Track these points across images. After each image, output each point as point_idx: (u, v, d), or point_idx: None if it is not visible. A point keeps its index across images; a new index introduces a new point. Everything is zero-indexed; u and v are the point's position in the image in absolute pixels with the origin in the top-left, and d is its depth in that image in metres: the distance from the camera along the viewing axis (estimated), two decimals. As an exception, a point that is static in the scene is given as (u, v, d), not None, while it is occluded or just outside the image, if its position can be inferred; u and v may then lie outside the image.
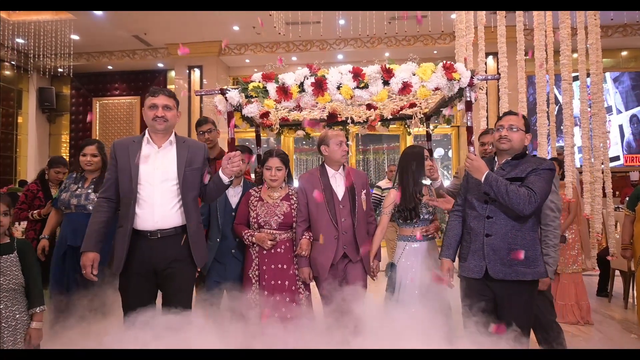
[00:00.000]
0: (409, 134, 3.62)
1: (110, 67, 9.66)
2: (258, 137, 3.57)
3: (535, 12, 3.97)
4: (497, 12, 4.13)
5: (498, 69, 4.40)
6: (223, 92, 2.70)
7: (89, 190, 2.99)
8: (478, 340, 2.16)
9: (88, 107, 9.96)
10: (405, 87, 2.57)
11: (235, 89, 2.68)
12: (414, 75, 2.57)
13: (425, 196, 2.72)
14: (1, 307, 2.12)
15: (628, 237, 3.58)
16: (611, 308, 4.37)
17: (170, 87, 9.41)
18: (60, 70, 9.02)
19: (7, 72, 9.02)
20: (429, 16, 7.01)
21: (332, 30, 7.61)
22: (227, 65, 9.43)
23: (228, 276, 2.72)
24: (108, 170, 2.36)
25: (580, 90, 3.92)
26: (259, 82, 2.67)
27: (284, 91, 2.64)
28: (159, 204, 2.24)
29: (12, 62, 8.85)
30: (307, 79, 2.61)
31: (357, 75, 2.57)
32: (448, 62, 2.57)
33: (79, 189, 2.99)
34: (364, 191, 2.79)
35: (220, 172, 2.32)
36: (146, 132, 2.35)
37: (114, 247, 2.28)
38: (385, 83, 2.58)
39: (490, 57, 7.66)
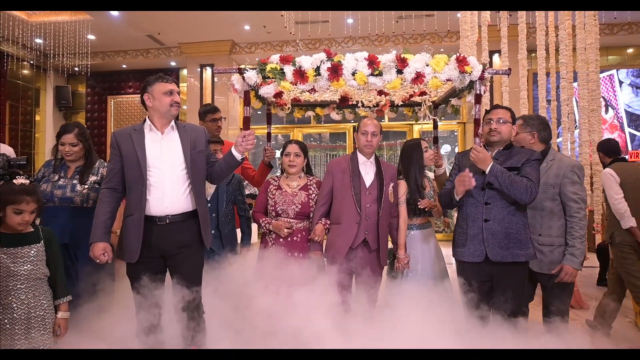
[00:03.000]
0: (417, 120, 3.73)
1: (124, 66, 9.92)
2: (269, 115, 3.64)
3: (536, 12, 4.14)
4: (500, 12, 4.29)
5: (509, 64, 4.56)
6: (241, 72, 2.74)
7: (74, 181, 2.68)
8: (479, 322, 2.32)
9: (103, 105, 10.24)
10: (418, 77, 2.63)
11: (253, 69, 2.72)
12: (427, 66, 2.63)
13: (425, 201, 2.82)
14: (29, 296, 2.09)
15: None
16: (610, 296, 4.54)
17: (183, 85, 9.65)
18: (76, 69, 9.29)
19: (26, 71, 9.31)
20: (435, 15, 7.17)
21: (340, 29, 7.78)
22: (238, 63, 9.65)
23: None
24: (110, 161, 2.34)
25: (580, 88, 4.08)
26: (277, 64, 2.71)
27: (300, 74, 2.67)
28: (169, 189, 2.25)
29: (31, 62, 9.14)
30: (324, 63, 2.66)
31: (372, 62, 2.63)
32: (461, 55, 2.63)
33: (62, 179, 2.68)
34: (392, 184, 2.80)
35: (232, 149, 2.34)
36: (146, 119, 2.34)
37: (123, 236, 2.26)
38: (399, 72, 2.64)
39: (496, 54, 7.80)
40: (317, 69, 2.66)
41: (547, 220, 2.54)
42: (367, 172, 2.79)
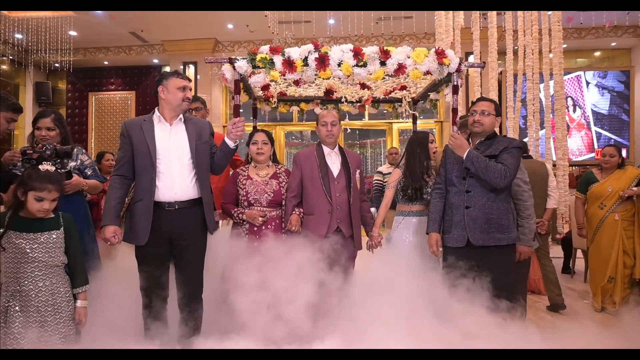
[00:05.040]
0: (397, 116, 3.95)
1: (106, 63, 9.90)
2: (254, 109, 3.76)
3: (506, 17, 4.43)
4: (472, 17, 4.57)
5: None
6: (231, 62, 2.86)
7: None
8: (460, 299, 2.40)
9: (84, 101, 10.19)
10: (400, 68, 2.80)
11: (243, 59, 2.85)
12: (409, 58, 2.81)
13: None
14: (47, 283, 2.05)
15: (581, 217, 4.04)
16: (572, 282, 4.91)
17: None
18: (57, 65, 9.24)
19: (5, 67, 9.22)
20: (413, 17, 7.43)
21: (322, 30, 7.97)
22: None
23: None
24: (121, 149, 2.46)
25: (545, 89, 4.40)
26: (267, 54, 2.85)
27: (289, 64, 2.81)
28: (178, 177, 2.39)
29: (11, 57, 9.05)
30: (311, 54, 2.82)
31: (357, 54, 2.81)
32: (440, 48, 2.82)
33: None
34: (358, 171, 2.92)
35: (225, 138, 2.47)
36: (156, 111, 2.46)
37: (132, 220, 2.38)
38: (382, 64, 2.81)
39: (472, 56, 8.14)
40: (305, 60, 2.81)
41: None
42: (333, 162, 2.89)
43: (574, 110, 8.91)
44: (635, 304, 3.75)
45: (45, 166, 2.11)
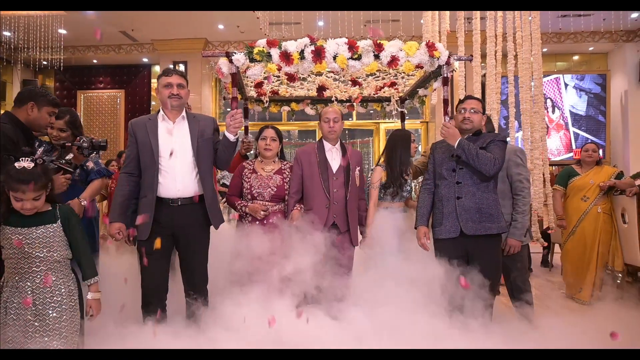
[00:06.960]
0: (385, 115, 4.10)
1: (95, 61, 9.90)
2: (246, 109, 3.89)
3: (488, 21, 4.67)
4: (458, 22, 4.79)
5: (465, 70, 5.05)
6: (228, 55, 2.94)
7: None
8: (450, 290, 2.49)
9: (72, 99, 10.17)
10: (393, 61, 2.91)
11: (241, 52, 2.94)
12: (401, 50, 2.92)
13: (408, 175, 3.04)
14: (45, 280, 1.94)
15: (560, 209, 4.21)
16: (550, 274, 5.19)
17: (155, 81, 9.73)
18: (45, 63, 9.21)
19: (-8, 64, 9.16)
20: (400, 20, 7.63)
21: (311, 31, 8.01)
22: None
23: None
24: (128, 148, 2.53)
25: (523, 92, 4.66)
26: (264, 47, 2.93)
27: (286, 56, 2.89)
28: (180, 174, 2.46)
29: (-2, 55, 9.01)
30: (307, 47, 2.90)
31: (351, 47, 2.91)
32: (430, 41, 2.96)
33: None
34: (358, 168, 2.98)
35: (225, 132, 2.50)
36: (160, 110, 2.54)
37: (137, 215, 2.43)
38: (376, 57, 2.92)
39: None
40: (302, 52, 2.92)
41: (500, 201, 2.72)
42: (334, 158, 2.95)
43: (553, 112, 9.26)
44: (608, 293, 3.98)
45: (22, 163, 1.91)
